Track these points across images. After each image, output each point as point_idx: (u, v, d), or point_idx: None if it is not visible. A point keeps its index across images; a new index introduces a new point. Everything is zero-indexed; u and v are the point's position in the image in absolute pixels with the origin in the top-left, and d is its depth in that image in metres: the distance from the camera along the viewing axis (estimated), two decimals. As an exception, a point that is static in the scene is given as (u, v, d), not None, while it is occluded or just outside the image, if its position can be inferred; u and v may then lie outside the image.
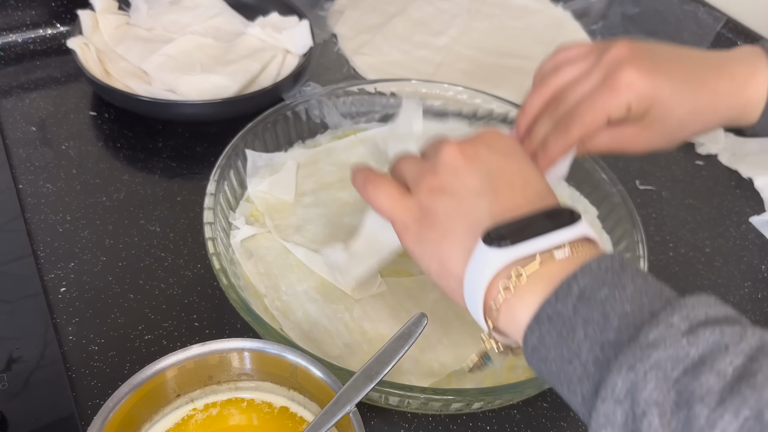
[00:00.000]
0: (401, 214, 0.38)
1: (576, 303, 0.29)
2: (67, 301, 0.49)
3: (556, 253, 0.32)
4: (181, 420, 0.37)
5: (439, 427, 0.45)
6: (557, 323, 0.30)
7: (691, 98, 0.44)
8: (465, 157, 0.37)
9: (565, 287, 0.30)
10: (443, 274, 0.36)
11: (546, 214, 0.34)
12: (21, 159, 0.60)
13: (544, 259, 0.32)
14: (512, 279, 0.31)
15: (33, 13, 0.73)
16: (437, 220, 0.36)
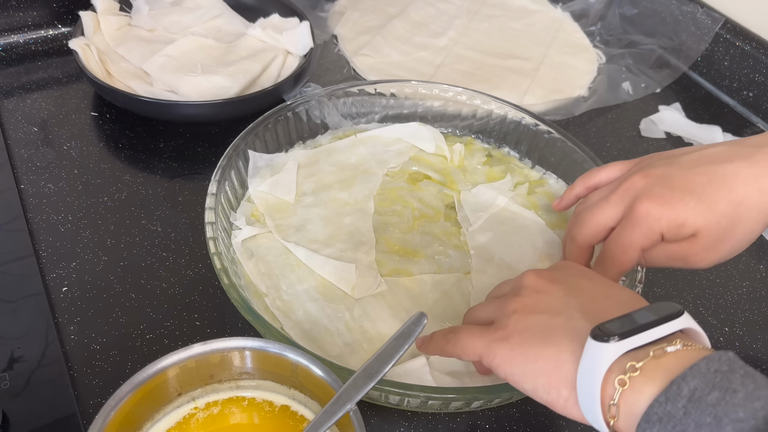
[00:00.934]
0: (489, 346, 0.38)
1: (686, 405, 0.30)
2: (69, 301, 0.49)
3: (668, 348, 0.32)
4: (183, 419, 0.38)
5: (439, 425, 0.45)
6: (668, 424, 0.30)
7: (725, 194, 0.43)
8: (546, 279, 0.39)
9: (675, 388, 0.30)
10: (552, 386, 0.35)
11: (647, 309, 0.34)
12: (23, 159, 0.60)
13: (657, 353, 0.32)
14: (627, 373, 0.32)
15: (34, 13, 0.73)
16: (532, 336, 0.36)
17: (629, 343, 0.32)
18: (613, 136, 0.72)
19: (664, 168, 0.45)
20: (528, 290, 0.39)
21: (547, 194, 0.61)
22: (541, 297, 0.38)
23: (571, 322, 0.36)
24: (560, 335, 0.36)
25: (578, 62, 0.81)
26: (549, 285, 0.39)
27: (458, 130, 0.66)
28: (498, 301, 0.41)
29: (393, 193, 0.59)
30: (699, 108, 0.78)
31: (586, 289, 0.39)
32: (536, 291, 0.39)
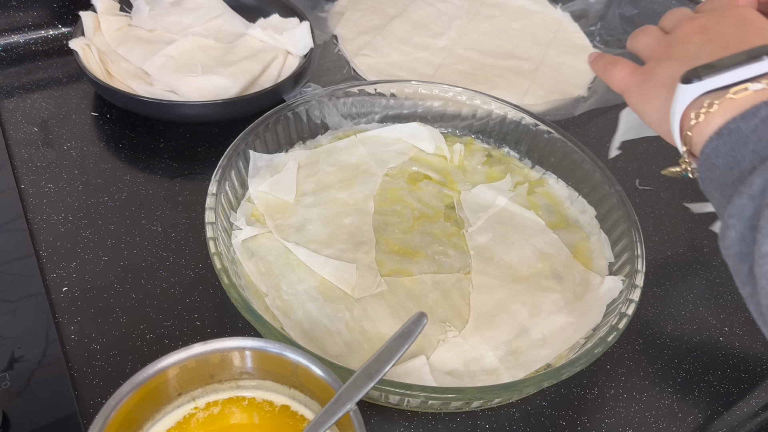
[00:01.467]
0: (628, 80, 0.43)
1: (758, 124, 0.32)
2: (69, 301, 0.49)
3: (751, 86, 0.33)
4: (183, 419, 0.38)
5: (439, 425, 0.45)
6: (735, 136, 0.33)
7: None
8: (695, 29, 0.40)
9: (754, 110, 0.32)
10: (662, 120, 0.39)
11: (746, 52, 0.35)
12: (23, 159, 0.60)
13: (738, 92, 0.33)
14: (704, 108, 0.34)
15: (35, 14, 0.73)
16: (659, 80, 0.40)
17: (709, 83, 0.34)
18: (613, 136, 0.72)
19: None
20: (677, 39, 0.41)
21: (546, 194, 0.61)
22: (683, 47, 0.40)
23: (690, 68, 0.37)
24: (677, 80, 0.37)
25: (578, 62, 0.81)
26: (695, 35, 0.40)
27: (458, 130, 0.66)
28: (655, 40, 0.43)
29: (393, 193, 0.59)
30: (699, 108, 0.78)
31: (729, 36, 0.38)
32: (682, 40, 0.40)
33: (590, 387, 0.49)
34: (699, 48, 0.39)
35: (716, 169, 0.34)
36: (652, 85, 0.41)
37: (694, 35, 0.41)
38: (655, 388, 0.49)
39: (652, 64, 0.42)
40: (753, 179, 0.31)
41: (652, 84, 0.41)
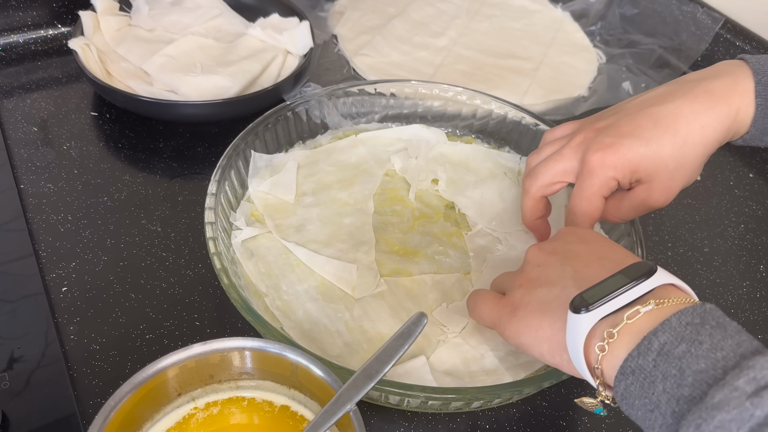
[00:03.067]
0: (500, 319, 0.42)
1: (656, 358, 0.32)
2: (69, 301, 0.49)
3: (642, 309, 0.34)
4: (183, 419, 0.38)
5: (439, 425, 0.45)
6: (639, 376, 0.32)
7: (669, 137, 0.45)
8: (545, 252, 0.42)
9: (646, 343, 0.32)
10: (554, 352, 0.39)
11: (623, 273, 0.36)
12: (22, 159, 0.60)
13: (631, 316, 0.34)
14: (605, 339, 0.34)
15: (34, 13, 0.73)
16: (534, 309, 0.40)
17: (600, 312, 0.35)
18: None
19: (611, 118, 0.47)
20: (530, 265, 0.42)
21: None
22: (542, 270, 0.41)
23: (565, 291, 0.39)
24: (555, 305, 0.39)
25: (578, 62, 0.81)
26: (548, 257, 0.42)
27: (458, 130, 0.65)
28: (510, 275, 0.45)
29: (393, 193, 0.59)
30: (699, 108, 0.78)
31: (582, 254, 0.41)
32: (537, 265, 0.42)
33: (591, 387, 0.48)
34: (560, 269, 0.40)
35: (638, 410, 0.33)
36: (528, 315, 0.40)
37: (547, 257, 0.42)
38: (655, 388, 0.49)
39: (517, 294, 0.41)
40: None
41: (528, 313, 0.40)
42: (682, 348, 0.31)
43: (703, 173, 0.69)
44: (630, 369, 0.33)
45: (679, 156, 0.46)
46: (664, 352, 0.32)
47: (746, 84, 0.46)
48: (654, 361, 0.32)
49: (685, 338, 0.32)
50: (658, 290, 0.35)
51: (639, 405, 0.33)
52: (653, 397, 0.32)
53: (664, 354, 0.32)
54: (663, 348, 0.32)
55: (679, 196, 0.65)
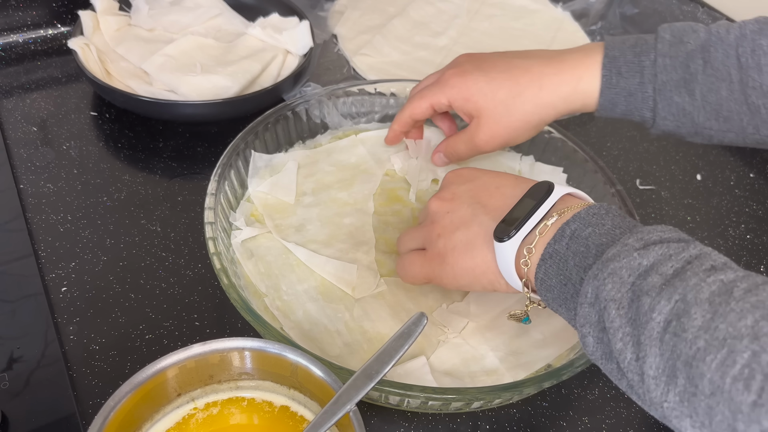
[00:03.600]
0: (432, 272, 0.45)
1: (568, 242, 0.37)
2: (68, 301, 0.49)
3: (548, 222, 0.39)
4: (182, 419, 0.38)
5: (439, 426, 0.45)
6: (555, 258, 0.38)
7: (509, 84, 0.51)
8: (447, 200, 0.46)
9: (560, 232, 0.38)
10: (492, 282, 0.43)
11: (528, 196, 0.41)
12: (22, 159, 0.60)
13: (542, 231, 0.39)
14: (526, 256, 0.39)
15: (34, 13, 0.73)
16: (461, 250, 0.43)
17: (520, 235, 0.39)
18: (613, 136, 0.72)
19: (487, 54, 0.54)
20: (439, 214, 0.45)
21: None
22: (453, 216, 0.44)
23: (483, 227, 0.43)
24: (479, 241, 0.42)
25: (578, 62, 0.80)
26: (452, 203, 0.45)
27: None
28: (420, 230, 0.47)
29: (393, 193, 0.59)
30: (699, 107, 0.78)
31: (479, 190, 0.45)
32: (446, 212, 0.45)
33: (591, 387, 0.48)
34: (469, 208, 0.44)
35: (554, 289, 0.38)
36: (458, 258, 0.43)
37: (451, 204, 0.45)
38: (655, 388, 0.49)
39: (439, 243, 0.44)
40: (585, 289, 0.35)
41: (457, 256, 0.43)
42: (588, 231, 0.37)
43: (703, 173, 0.69)
44: (548, 254, 0.38)
45: (510, 103, 0.51)
46: (575, 236, 0.37)
47: (595, 57, 0.50)
48: (567, 244, 0.37)
49: (591, 223, 0.37)
50: (558, 203, 0.40)
51: (554, 284, 0.38)
52: (566, 272, 0.37)
53: (575, 237, 0.37)
54: (574, 233, 0.37)
55: (679, 196, 0.66)
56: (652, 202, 0.65)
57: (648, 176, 0.67)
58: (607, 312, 0.33)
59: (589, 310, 0.35)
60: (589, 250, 0.36)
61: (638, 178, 0.67)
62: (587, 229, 0.37)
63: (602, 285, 0.34)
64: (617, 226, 0.37)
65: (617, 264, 0.34)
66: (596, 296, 0.34)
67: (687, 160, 0.70)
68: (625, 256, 0.34)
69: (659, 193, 0.66)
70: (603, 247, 0.36)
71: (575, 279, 0.36)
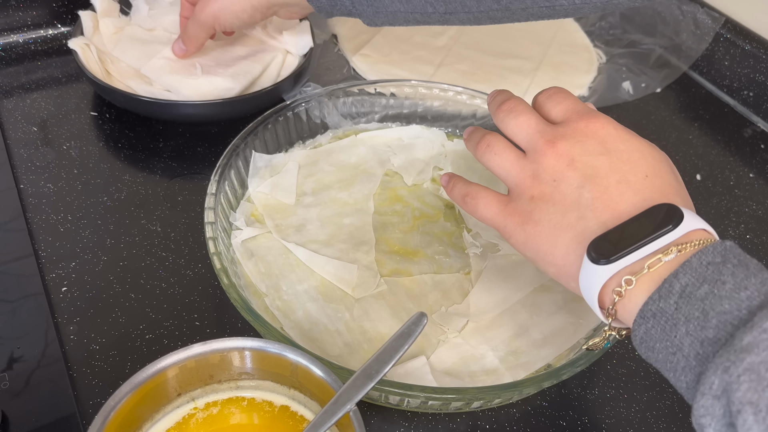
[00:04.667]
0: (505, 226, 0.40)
1: (678, 300, 0.31)
2: (68, 301, 0.49)
3: (663, 258, 0.33)
4: (182, 419, 0.38)
5: (439, 425, 0.45)
6: (661, 319, 0.32)
7: None
8: (563, 164, 0.38)
9: (667, 285, 0.32)
10: (560, 276, 0.38)
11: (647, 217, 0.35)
12: (22, 159, 0.60)
13: (653, 265, 0.33)
14: (623, 287, 0.34)
15: (34, 13, 0.73)
16: (544, 230, 0.38)
17: (621, 264, 0.34)
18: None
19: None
20: (546, 175, 0.39)
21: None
22: (557, 186, 0.38)
23: (580, 223, 0.37)
24: (569, 236, 0.37)
25: (578, 62, 0.81)
26: (565, 171, 0.38)
27: (458, 129, 0.65)
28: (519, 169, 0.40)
29: (393, 192, 0.59)
30: (699, 108, 0.78)
31: (601, 173, 0.37)
32: (553, 179, 0.38)
33: (591, 387, 0.48)
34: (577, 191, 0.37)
35: (658, 353, 0.33)
36: (538, 235, 0.38)
37: (564, 170, 0.38)
38: (655, 388, 0.49)
39: (526, 203, 0.39)
40: (709, 378, 0.29)
41: (537, 233, 0.38)
42: (704, 289, 0.31)
43: (702, 173, 0.69)
44: (651, 312, 0.32)
45: None
46: (686, 294, 0.31)
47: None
48: (676, 303, 0.31)
49: (707, 279, 0.31)
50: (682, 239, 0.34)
51: (660, 348, 0.32)
52: (675, 340, 0.31)
53: (686, 296, 0.31)
54: (685, 290, 0.31)
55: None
56: (651, 202, 0.65)
57: (648, 176, 0.67)
58: (743, 416, 0.28)
59: (714, 403, 0.29)
60: (707, 317, 0.30)
61: (638, 178, 0.67)
62: (702, 286, 0.31)
63: (736, 383, 0.28)
64: (741, 286, 0.31)
65: (756, 358, 0.28)
66: (725, 391, 0.29)
67: (687, 160, 0.70)
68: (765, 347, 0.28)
69: (659, 193, 0.66)
70: (726, 317, 0.30)
71: (688, 351, 0.31)
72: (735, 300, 0.30)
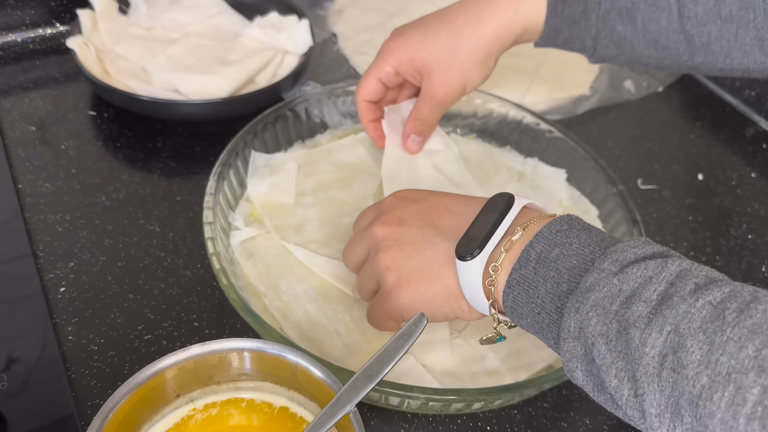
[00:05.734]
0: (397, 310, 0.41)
1: (536, 266, 0.35)
2: (67, 301, 0.49)
3: (513, 237, 0.37)
4: (181, 420, 0.37)
5: (439, 427, 0.45)
6: (524, 285, 0.35)
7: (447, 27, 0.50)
8: (391, 226, 0.42)
9: (525, 255, 0.36)
10: (455, 309, 0.40)
11: (486, 210, 0.39)
12: (20, 158, 0.60)
13: (508, 247, 0.37)
14: (492, 276, 0.37)
15: (32, 12, 0.73)
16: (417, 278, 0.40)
17: (486, 251, 0.37)
18: (615, 135, 0.72)
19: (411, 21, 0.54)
20: (386, 242, 0.42)
21: (548, 194, 0.61)
22: (401, 242, 0.41)
23: (438, 249, 0.40)
24: (436, 266, 0.40)
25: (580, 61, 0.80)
26: (399, 228, 0.42)
27: (459, 129, 0.65)
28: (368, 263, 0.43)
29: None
30: (701, 107, 0.78)
31: (427, 212, 0.42)
32: (394, 239, 0.41)
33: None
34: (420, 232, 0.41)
35: (526, 317, 0.36)
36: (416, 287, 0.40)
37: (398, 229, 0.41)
38: (657, 389, 0.49)
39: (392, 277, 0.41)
40: (566, 323, 0.33)
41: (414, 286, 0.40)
42: (555, 252, 0.35)
43: (704, 173, 0.68)
44: (515, 281, 0.35)
45: (453, 46, 0.50)
46: (541, 259, 0.35)
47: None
48: (534, 268, 0.35)
49: (557, 243, 0.35)
50: (519, 217, 0.38)
51: (527, 312, 0.35)
52: (538, 300, 0.35)
53: (542, 261, 0.35)
54: (540, 255, 0.35)
55: (681, 196, 0.65)
56: (653, 202, 0.64)
57: (649, 176, 0.67)
58: (596, 348, 0.31)
59: (574, 344, 0.33)
60: (560, 274, 0.34)
61: (640, 178, 0.66)
62: (554, 250, 0.35)
63: (586, 319, 0.32)
64: (585, 244, 0.35)
65: (598, 294, 0.32)
66: (580, 330, 0.32)
67: (689, 160, 0.70)
68: (605, 284, 0.32)
69: (661, 192, 0.66)
70: (575, 270, 0.34)
71: (549, 307, 0.34)
72: (580, 256, 0.34)
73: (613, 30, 0.50)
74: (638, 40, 0.49)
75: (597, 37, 0.50)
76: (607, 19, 0.49)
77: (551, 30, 0.51)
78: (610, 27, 0.50)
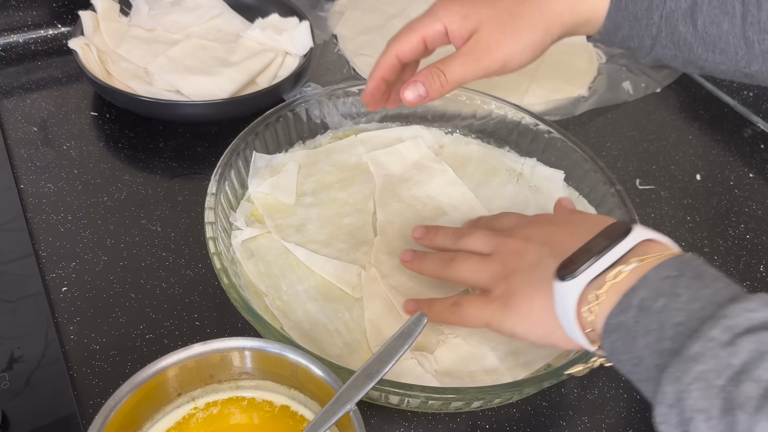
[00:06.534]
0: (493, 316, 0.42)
1: (636, 314, 0.33)
2: (69, 301, 0.49)
3: (624, 268, 0.34)
4: (182, 419, 0.38)
5: (439, 425, 0.45)
6: (622, 333, 0.33)
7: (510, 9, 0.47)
8: (521, 240, 0.43)
9: (626, 300, 0.33)
10: (549, 331, 0.39)
11: (601, 235, 0.37)
12: (22, 159, 0.60)
13: (615, 276, 0.34)
14: (594, 303, 0.35)
15: (34, 13, 0.73)
16: (522, 294, 0.40)
17: (586, 276, 0.35)
18: (614, 136, 0.72)
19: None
20: (512, 256, 0.43)
21: (547, 194, 0.61)
22: (522, 258, 0.42)
23: (547, 270, 0.39)
24: (540, 284, 0.39)
25: (578, 62, 0.80)
26: (527, 245, 0.43)
27: (458, 129, 0.65)
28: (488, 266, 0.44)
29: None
30: (699, 108, 0.78)
31: (555, 234, 0.42)
32: (519, 255, 0.42)
33: (590, 387, 0.48)
34: (538, 251, 0.41)
35: (625, 364, 0.34)
36: (518, 302, 0.40)
37: (525, 245, 0.42)
38: (655, 388, 0.49)
39: (501, 287, 0.42)
40: (662, 388, 0.31)
41: (518, 300, 0.40)
42: (660, 302, 0.32)
43: (702, 173, 0.69)
44: (613, 326, 0.33)
45: (515, 11, 0.47)
46: (643, 308, 0.32)
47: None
48: (635, 317, 0.33)
49: (663, 292, 0.32)
50: (639, 247, 0.35)
51: (625, 360, 0.33)
52: (636, 352, 0.33)
53: (644, 309, 0.32)
54: (642, 303, 0.32)
55: (679, 196, 0.66)
56: (651, 202, 0.65)
57: (648, 176, 0.67)
58: (694, 424, 0.29)
59: (669, 411, 0.30)
60: (663, 329, 0.31)
61: (638, 178, 0.67)
62: (659, 300, 0.32)
63: (686, 391, 0.29)
64: (695, 298, 0.31)
65: (703, 367, 0.29)
66: (678, 400, 0.30)
67: (686, 160, 0.70)
68: (711, 356, 0.29)
69: (659, 193, 0.66)
70: (680, 328, 0.31)
71: (649, 363, 0.32)
72: (688, 312, 0.31)
73: (674, 30, 0.48)
74: (698, 42, 0.48)
75: (657, 36, 0.49)
76: (670, 18, 0.48)
77: (611, 25, 0.49)
78: (672, 26, 0.48)
